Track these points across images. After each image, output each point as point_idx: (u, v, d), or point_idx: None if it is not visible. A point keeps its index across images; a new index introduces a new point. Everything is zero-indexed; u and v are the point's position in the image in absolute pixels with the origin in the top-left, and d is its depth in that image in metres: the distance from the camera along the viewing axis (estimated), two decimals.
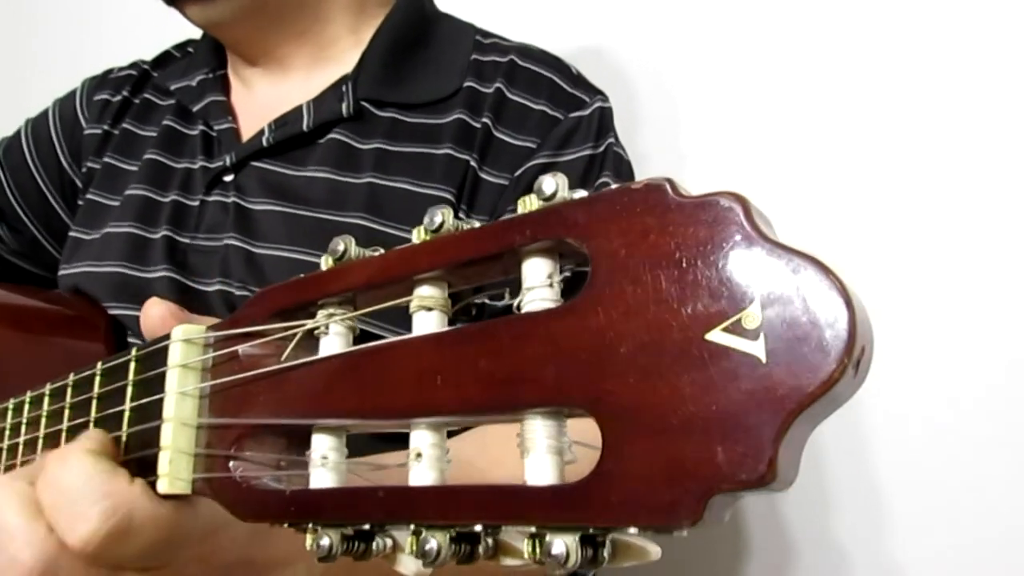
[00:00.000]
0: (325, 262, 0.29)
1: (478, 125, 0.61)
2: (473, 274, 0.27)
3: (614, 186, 0.23)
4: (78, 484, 0.29)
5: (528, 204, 0.25)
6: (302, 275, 0.30)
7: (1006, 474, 0.67)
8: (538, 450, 0.23)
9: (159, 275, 0.62)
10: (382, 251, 0.29)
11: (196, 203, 0.65)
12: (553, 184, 0.25)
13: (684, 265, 0.21)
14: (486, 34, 0.68)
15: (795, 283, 0.20)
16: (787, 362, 0.19)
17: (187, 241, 0.64)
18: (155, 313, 0.35)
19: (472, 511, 0.23)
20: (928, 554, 0.69)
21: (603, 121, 0.62)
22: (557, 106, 0.62)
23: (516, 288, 0.26)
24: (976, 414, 0.68)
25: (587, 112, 0.62)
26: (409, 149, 0.61)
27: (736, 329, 0.20)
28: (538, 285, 0.25)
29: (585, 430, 0.24)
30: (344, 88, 0.64)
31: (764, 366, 0.20)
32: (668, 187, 0.22)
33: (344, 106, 0.63)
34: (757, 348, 0.20)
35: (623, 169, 0.62)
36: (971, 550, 0.67)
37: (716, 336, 0.20)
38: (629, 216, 0.23)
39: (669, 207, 0.22)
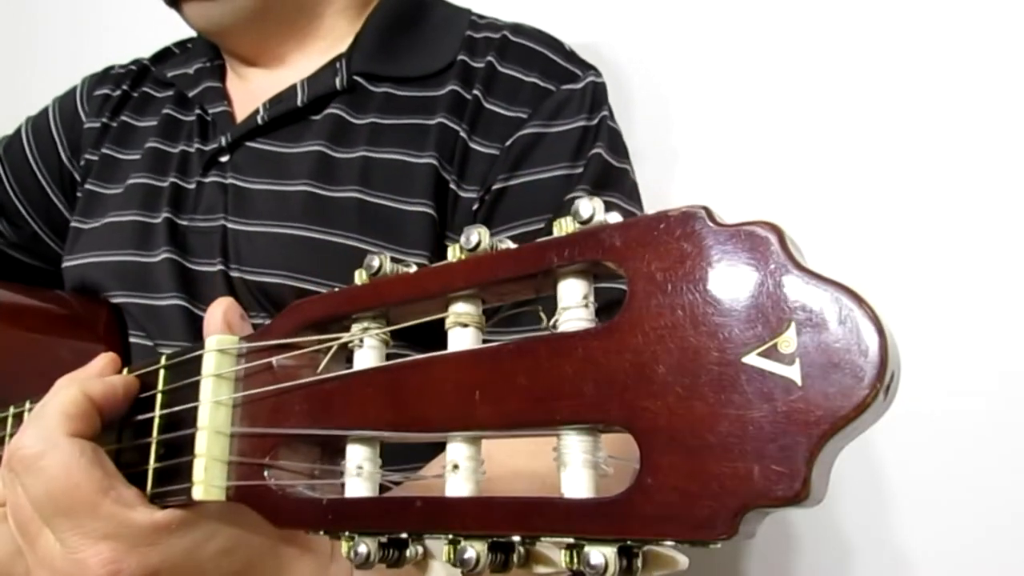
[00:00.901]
0: (359, 277, 0.30)
1: (469, 96, 0.61)
2: (507, 292, 0.28)
3: (649, 212, 0.24)
4: (48, 407, 0.34)
5: (564, 227, 0.26)
6: (336, 288, 0.31)
7: (1010, 468, 0.68)
8: (575, 464, 0.24)
9: (160, 258, 0.63)
10: (415, 267, 0.30)
11: (193, 185, 0.66)
12: (590, 207, 0.26)
13: (720, 290, 0.22)
14: (481, 16, 0.69)
15: (829, 310, 0.21)
16: (821, 386, 0.21)
17: (186, 223, 0.64)
18: (218, 311, 0.35)
19: (512, 522, 0.24)
20: (931, 548, 0.70)
21: (596, 95, 0.62)
22: (549, 78, 0.62)
23: (549, 307, 0.27)
24: (979, 409, 0.69)
25: (580, 86, 0.62)
26: (402, 121, 0.62)
27: (772, 353, 0.21)
28: (574, 305, 0.26)
29: (618, 444, 0.26)
30: (338, 65, 0.64)
31: (799, 389, 0.21)
32: (704, 214, 0.23)
33: (338, 80, 0.63)
34: (792, 372, 0.21)
35: (617, 144, 0.62)
36: (974, 544, 0.68)
37: (752, 359, 0.22)
38: (666, 241, 0.24)
39: (706, 234, 0.23)
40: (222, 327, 0.34)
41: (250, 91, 0.69)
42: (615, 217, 0.26)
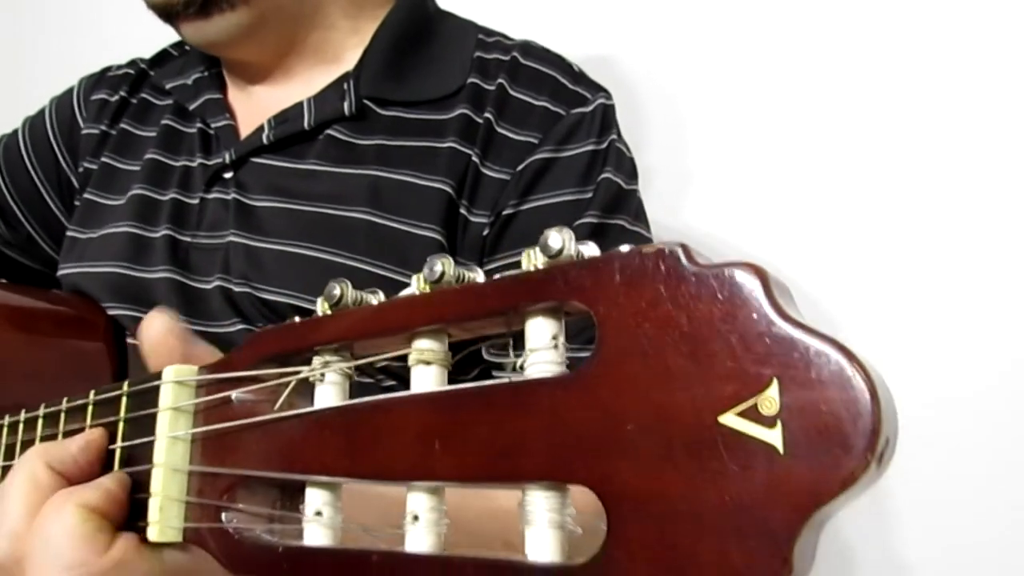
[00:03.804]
0: (321, 307, 0.28)
1: (480, 120, 0.60)
2: (475, 327, 0.26)
3: (624, 248, 0.22)
4: (57, 537, 0.30)
5: (533, 258, 0.24)
6: (296, 319, 0.29)
7: (1009, 469, 0.67)
8: (540, 524, 0.22)
9: (160, 276, 0.62)
10: (381, 295, 0.28)
11: (196, 201, 0.64)
12: (559, 240, 0.23)
13: (697, 340, 0.20)
14: (489, 32, 0.67)
15: (816, 368, 0.19)
16: (806, 456, 0.18)
17: (188, 240, 0.63)
18: (156, 327, 0.33)
19: None
20: (933, 552, 0.70)
21: (606, 118, 0.62)
22: (559, 102, 0.61)
23: (519, 340, 0.25)
24: (978, 410, 0.68)
25: (589, 109, 0.61)
26: (412, 143, 0.61)
27: (752, 414, 0.19)
28: (541, 347, 0.23)
29: (590, 500, 0.23)
30: (346, 86, 0.63)
31: (781, 458, 0.18)
32: (681, 254, 0.21)
33: (346, 104, 0.62)
34: (774, 437, 0.19)
35: (625, 166, 0.62)
36: (974, 545, 0.67)
37: (730, 420, 0.19)
38: (639, 283, 0.21)
39: (682, 276, 0.21)
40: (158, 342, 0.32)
41: (253, 104, 0.68)
42: (590, 249, 0.23)
